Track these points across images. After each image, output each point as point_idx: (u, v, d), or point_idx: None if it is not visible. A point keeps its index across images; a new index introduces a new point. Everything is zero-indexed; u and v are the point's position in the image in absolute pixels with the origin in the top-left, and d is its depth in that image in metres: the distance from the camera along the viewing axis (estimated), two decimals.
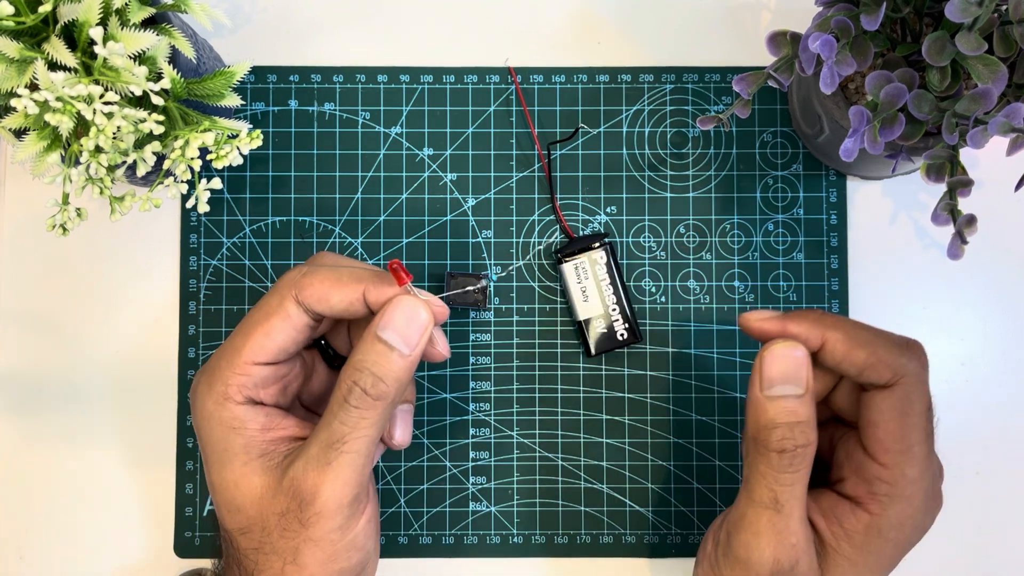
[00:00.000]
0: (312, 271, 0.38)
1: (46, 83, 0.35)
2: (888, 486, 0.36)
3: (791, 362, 0.36)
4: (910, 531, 0.37)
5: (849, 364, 0.36)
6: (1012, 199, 0.48)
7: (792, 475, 0.35)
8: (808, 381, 0.36)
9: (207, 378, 0.38)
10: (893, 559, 0.37)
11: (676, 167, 0.49)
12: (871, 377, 0.36)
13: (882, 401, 0.36)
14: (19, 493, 0.48)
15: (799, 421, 0.35)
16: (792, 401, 0.36)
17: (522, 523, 0.48)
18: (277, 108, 0.49)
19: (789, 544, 0.36)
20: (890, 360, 0.36)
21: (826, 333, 0.36)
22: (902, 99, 0.36)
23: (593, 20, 0.50)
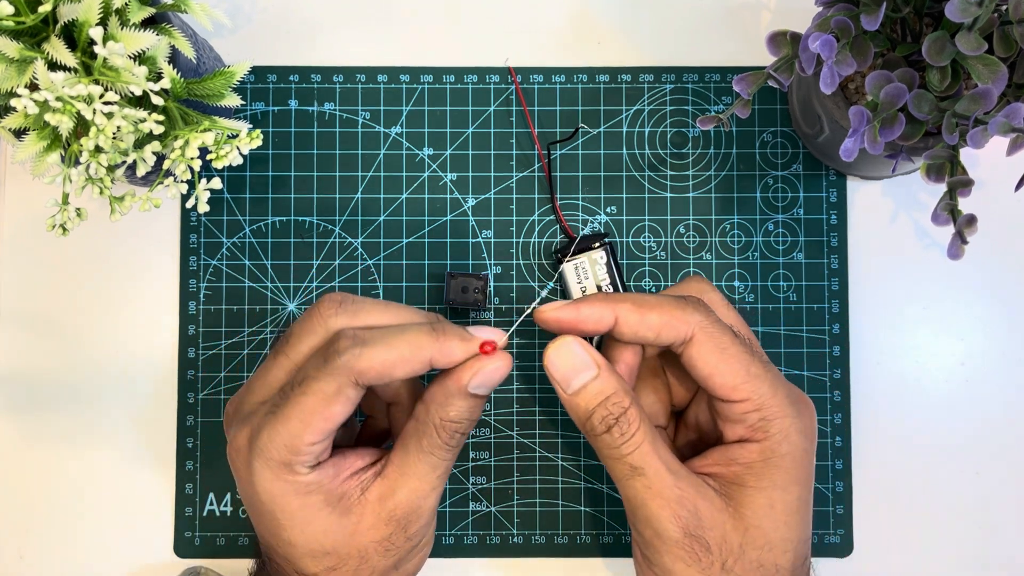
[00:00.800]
0: (368, 350, 0.36)
1: (46, 83, 0.35)
2: (756, 413, 0.37)
3: (569, 355, 0.37)
4: (797, 436, 0.37)
5: (646, 329, 0.37)
6: (1012, 199, 0.48)
7: (630, 440, 0.36)
8: (595, 360, 0.37)
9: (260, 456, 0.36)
10: (803, 468, 0.37)
11: (676, 167, 0.49)
12: (670, 337, 0.37)
13: (698, 353, 0.37)
14: (19, 493, 0.48)
15: (607, 396, 0.37)
16: (592, 384, 0.37)
17: (522, 523, 0.48)
18: (277, 108, 0.49)
19: (675, 497, 0.36)
20: (679, 315, 0.37)
21: (616, 307, 0.37)
22: (902, 99, 0.36)
23: (593, 20, 0.50)
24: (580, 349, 0.38)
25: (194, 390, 0.49)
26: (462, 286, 0.47)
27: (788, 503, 0.37)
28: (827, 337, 0.49)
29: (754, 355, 0.37)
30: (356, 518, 0.37)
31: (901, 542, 0.48)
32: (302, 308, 0.49)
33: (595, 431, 0.37)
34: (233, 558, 0.48)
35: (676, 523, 0.36)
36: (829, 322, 0.49)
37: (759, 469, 0.37)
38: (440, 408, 0.38)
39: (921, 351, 0.49)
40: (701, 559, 0.36)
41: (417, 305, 0.49)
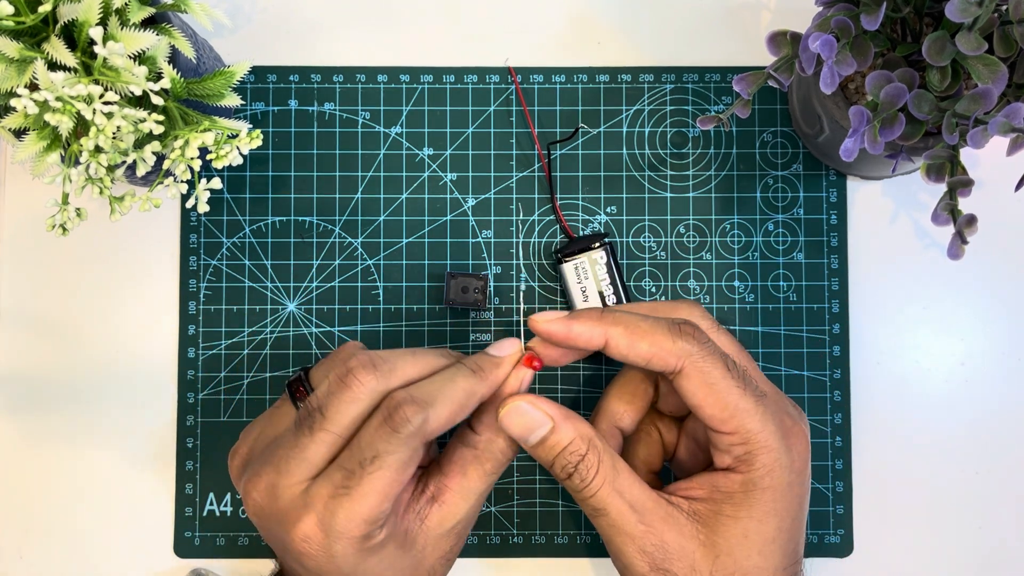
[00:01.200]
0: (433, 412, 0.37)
1: (46, 83, 0.35)
2: (742, 446, 0.38)
3: (520, 416, 0.39)
4: (780, 471, 0.38)
5: (636, 356, 0.38)
6: (1012, 199, 0.48)
7: (590, 485, 0.38)
8: (548, 414, 0.39)
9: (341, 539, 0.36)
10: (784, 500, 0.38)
11: (676, 167, 0.49)
12: (659, 366, 0.38)
13: (687, 386, 0.38)
14: (19, 493, 0.48)
15: (563, 447, 0.38)
16: (550, 438, 0.39)
17: (522, 523, 0.48)
18: (277, 108, 0.49)
19: (638, 534, 0.37)
20: (669, 347, 0.38)
21: (608, 329, 0.38)
22: (902, 99, 0.36)
23: (593, 20, 0.50)
24: (529, 407, 0.39)
25: (194, 390, 0.49)
26: (462, 286, 0.47)
27: (763, 533, 0.37)
28: (827, 337, 0.49)
29: (746, 388, 0.38)
30: (421, 546, 0.39)
31: (901, 542, 0.48)
32: (302, 308, 0.49)
33: (559, 477, 0.39)
34: (233, 558, 0.48)
35: (642, 558, 0.37)
36: (829, 322, 0.49)
37: (739, 499, 0.38)
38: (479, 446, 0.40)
39: (921, 351, 0.49)
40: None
41: (417, 305, 0.49)
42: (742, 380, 0.38)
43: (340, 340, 0.49)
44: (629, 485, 0.38)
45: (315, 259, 0.49)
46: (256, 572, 0.48)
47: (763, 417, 0.37)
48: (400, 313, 0.49)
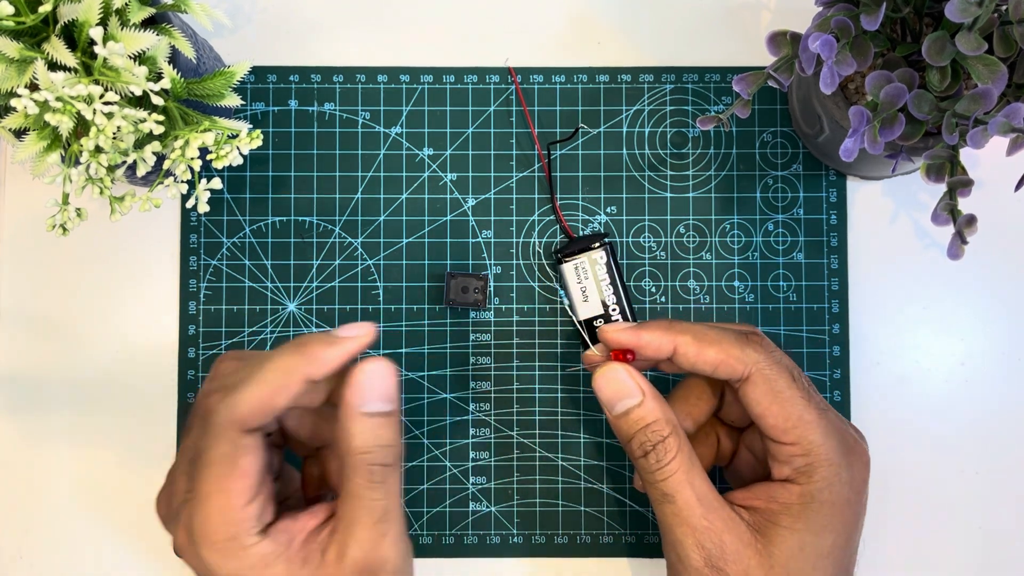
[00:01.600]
0: (239, 396, 0.36)
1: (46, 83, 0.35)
2: (803, 458, 0.38)
3: (615, 381, 0.39)
4: (840, 486, 0.38)
5: (703, 363, 0.39)
6: (1012, 199, 0.48)
7: (665, 468, 0.38)
8: (640, 387, 0.39)
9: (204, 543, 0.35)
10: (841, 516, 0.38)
11: (676, 167, 0.49)
12: (726, 373, 0.39)
13: (752, 393, 0.38)
14: (19, 493, 0.48)
15: (647, 424, 0.38)
16: (636, 410, 0.38)
17: (522, 523, 0.48)
18: (277, 108, 0.49)
19: (701, 528, 0.37)
20: (737, 354, 0.38)
21: (676, 338, 0.39)
22: (902, 99, 0.36)
23: (593, 20, 0.50)
24: (626, 376, 0.39)
25: (194, 390, 0.49)
26: (462, 286, 0.47)
27: (819, 548, 0.37)
28: (827, 337, 0.49)
29: (810, 400, 0.38)
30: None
31: (901, 542, 0.48)
32: (302, 308, 0.49)
33: (633, 453, 0.39)
34: None
35: (699, 552, 0.37)
36: (829, 322, 0.49)
37: (796, 511, 0.37)
38: (345, 441, 0.36)
39: (921, 351, 0.49)
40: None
41: (417, 305, 0.49)
42: (806, 392, 0.38)
43: None
44: (701, 479, 0.38)
45: (315, 259, 0.49)
46: None
47: (825, 430, 0.38)
48: (400, 313, 0.49)
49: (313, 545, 0.36)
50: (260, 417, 0.36)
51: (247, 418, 0.35)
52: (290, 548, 0.36)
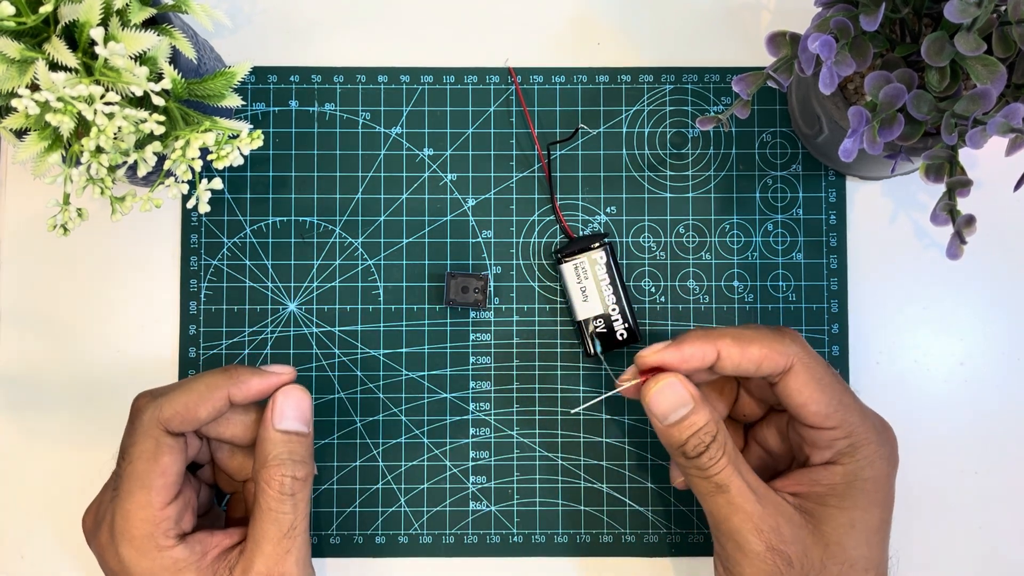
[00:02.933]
0: (166, 399, 0.40)
1: (47, 83, 0.35)
2: (846, 440, 0.40)
3: (672, 394, 0.40)
4: (880, 462, 0.40)
5: (748, 362, 0.40)
6: (1011, 199, 0.48)
7: (719, 463, 0.39)
8: (692, 395, 0.40)
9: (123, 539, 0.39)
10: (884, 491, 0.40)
11: (676, 167, 0.49)
12: (770, 368, 0.40)
13: (794, 383, 0.40)
14: (19, 493, 0.48)
15: (699, 427, 0.39)
16: (691, 417, 0.40)
17: (522, 522, 0.48)
18: (278, 108, 0.50)
19: (757, 513, 0.38)
20: (780, 348, 0.40)
21: (717, 343, 0.40)
22: (901, 99, 0.36)
23: (593, 20, 0.50)
24: (678, 386, 0.40)
25: None
26: (462, 286, 0.47)
27: (869, 523, 0.39)
28: (827, 337, 0.49)
29: (846, 387, 0.40)
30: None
31: (900, 541, 0.48)
32: (302, 308, 0.49)
33: (688, 455, 0.40)
34: None
35: (759, 537, 0.38)
36: (829, 322, 0.49)
37: (842, 491, 0.39)
38: (262, 453, 0.40)
39: (921, 351, 0.49)
40: (783, 572, 0.38)
41: (417, 305, 0.49)
42: (841, 380, 0.40)
43: (340, 340, 0.49)
44: (747, 470, 0.40)
45: (315, 259, 0.49)
46: None
47: (863, 411, 0.40)
48: (400, 313, 0.49)
49: (223, 562, 0.40)
50: (183, 421, 0.40)
51: (171, 419, 0.40)
52: (203, 559, 0.39)
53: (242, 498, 0.46)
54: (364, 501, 0.48)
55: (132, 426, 0.41)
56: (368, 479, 0.48)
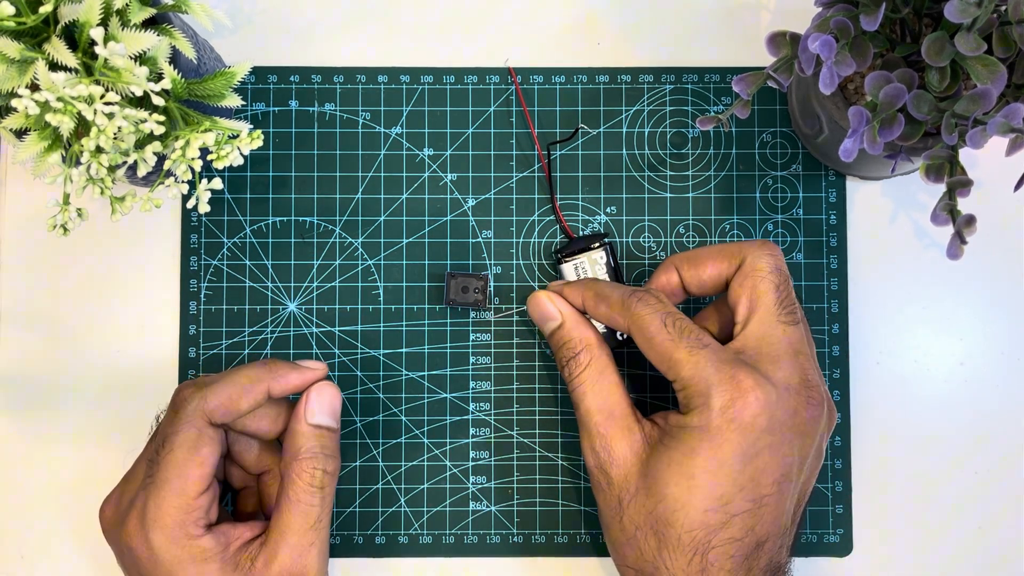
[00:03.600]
0: (210, 390, 0.41)
1: (47, 83, 0.35)
2: (681, 391, 0.40)
3: (537, 306, 0.44)
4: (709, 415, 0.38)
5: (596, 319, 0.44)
6: (1012, 199, 0.48)
7: (575, 379, 0.42)
8: (560, 311, 0.44)
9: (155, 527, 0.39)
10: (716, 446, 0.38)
11: (676, 167, 0.49)
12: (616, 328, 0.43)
13: (635, 341, 0.42)
14: (19, 493, 0.48)
15: (565, 342, 0.43)
16: (557, 332, 0.44)
17: (522, 523, 0.48)
18: (277, 108, 0.50)
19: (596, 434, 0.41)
20: (620, 310, 0.42)
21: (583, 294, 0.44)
22: (901, 99, 0.36)
23: (593, 20, 0.50)
24: (546, 302, 0.44)
25: None
26: (462, 286, 0.47)
27: (685, 467, 0.39)
28: (827, 337, 0.49)
29: (680, 340, 0.40)
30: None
31: (900, 542, 0.48)
32: (303, 308, 0.49)
33: (559, 366, 0.44)
34: None
35: (591, 455, 0.41)
36: (829, 322, 0.49)
37: (673, 433, 0.40)
38: (291, 450, 0.42)
39: (921, 351, 0.49)
40: (604, 489, 0.41)
41: (417, 305, 0.49)
42: (678, 333, 0.40)
43: (340, 340, 0.49)
44: (608, 393, 0.42)
45: (316, 259, 0.49)
46: None
47: (696, 366, 0.39)
48: (400, 313, 0.49)
49: (245, 553, 0.40)
50: (225, 412, 0.41)
51: (215, 410, 0.40)
52: (226, 551, 0.40)
53: (253, 492, 0.46)
54: (364, 501, 0.48)
55: (175, 415, 0.41)
56: (368, 479, 0.48)
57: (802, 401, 0.39)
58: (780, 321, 0.40)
